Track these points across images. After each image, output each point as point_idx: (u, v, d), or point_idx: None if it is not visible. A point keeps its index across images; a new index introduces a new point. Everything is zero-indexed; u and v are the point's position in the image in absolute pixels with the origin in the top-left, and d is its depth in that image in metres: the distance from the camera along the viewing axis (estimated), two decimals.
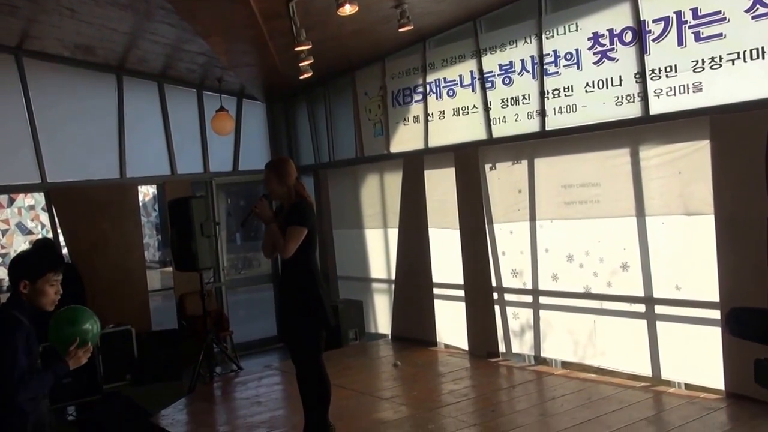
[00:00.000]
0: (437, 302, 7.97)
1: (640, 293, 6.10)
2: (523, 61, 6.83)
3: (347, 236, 9.18)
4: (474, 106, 7.34)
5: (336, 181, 9.40)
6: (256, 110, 10.09)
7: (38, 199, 17.28)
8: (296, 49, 5.49)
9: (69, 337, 3.32)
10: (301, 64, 5.92)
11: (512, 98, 6.95)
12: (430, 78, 7.80)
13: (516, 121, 6.94)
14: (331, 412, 4.99)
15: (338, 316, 7.96)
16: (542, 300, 6.92)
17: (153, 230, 20.62)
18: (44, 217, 9.29)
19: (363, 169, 8.96)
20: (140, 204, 9.37)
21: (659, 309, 6.01)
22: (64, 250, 8.46)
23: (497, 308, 7.30)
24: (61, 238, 8.53)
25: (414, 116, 8.06)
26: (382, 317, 8.93)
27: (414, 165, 8.07)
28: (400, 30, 5.80)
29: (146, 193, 21.73)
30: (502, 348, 7.29)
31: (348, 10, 4.90)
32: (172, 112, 9.28)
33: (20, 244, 17.11)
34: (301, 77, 6.39)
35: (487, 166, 7.32)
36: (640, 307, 6.13)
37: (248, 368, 8.06)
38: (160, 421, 6.12)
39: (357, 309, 8.82)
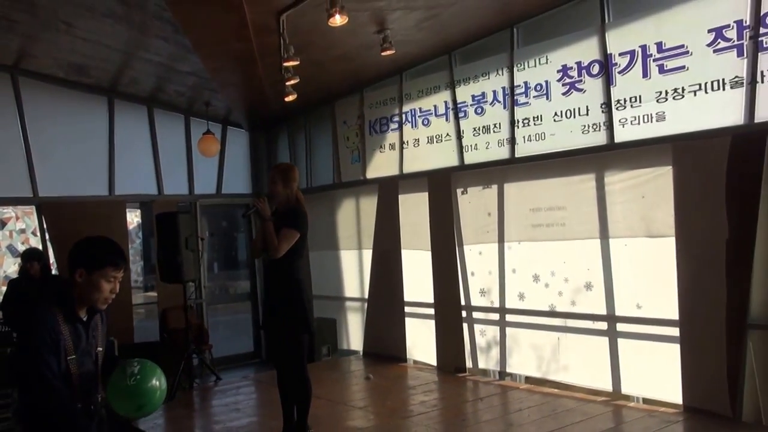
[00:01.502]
0: (408, 320, 7.70)
1: (603, 311, 5.88)
2: (495, 92, 6.70)
3: (323, 257, 8.89)
4: (447, 134, 7.19)
5: (313, 204, 9.03)
6: (239, 137, 9.85)
7: (29, 223, 16.75)
8: (284, 64, 5.27)
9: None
10: (287, 83, 5.70)
11: (484, 127, 6.80)
12: (406, 108, 7.65)
13: (487, 148, 6.78)
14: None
15: (313, 341, 7.65)
16: (509, 318, 6.68)
17: (137, 256, 20.10)
18: (34, 241, 8.94)
19: (340, 194, 8.73)
20: (129, 238, 9.02)
21: (621, 326, 5.80)
22: (53, 262, 8.06)
23: (465, 326, 7.05)
24: (50, 250, 8.12)
25: (390, 144, 7.88)
26: (354, 334, 8.62)
27: (389, 189, 7.86)
28: (383, 54, 5.64)
29: (131, 221, 21.25)
30: (469, 364, 7.02)
31: (338, 20, 4.70)
32: (160, 135, 9.03)
33: (10, 266, 16.56)
34: (286, 99, 6.16)
35: (459, 191, 7.13)
36: (603, 325, 5.92)
37: (227, 379, 7.67)
38: (142, 425, 5.71)
39: (330, 326, 8.53)
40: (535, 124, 6.35)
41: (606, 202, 5.87)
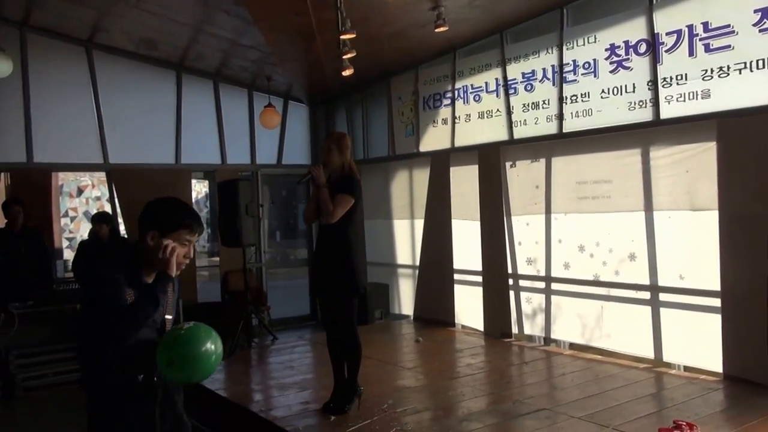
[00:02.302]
0: (456, 287, 7.87)
1: (646, 281, 5.95)
2: (544, 69, 6.73)
3: (377, 226, 9.09)
4: (497, 110, 7.25)
5: (368, 175, 9.30)
6: (300, 111, 10.07)
7: (103, 191, 17.43)
8: (341, 37, 5.41)
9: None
10: (344, 57, 5.84)
11: (533, 103, 6.85)
12: (458, 84, 7.72)
13: (536, 123, 6.83)
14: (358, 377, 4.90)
15: (366, 297, 7.88)
16: (554, 286, 6.79)
17: (204, 224, 20.67)
18: (108, 208, 9.41)
19: (394, 166, 8.89)
20: (193, 200, 9.35)
21: (663, 296, 5.86)
22: (122, 226, 8.46)
23: (512, 293, 7.18)
24: (119, 215, 8.54)
25: (442, 118, 7.99)
26: (405, 299, 8.83)
27: (441, 162, 7.98)
28: (436, 30, 5.71)
29: (198, 191, 21.83)
30: (515, 329, 7.17)
31: None
32: (224, 108, 9.31)
33: (86, 230, 17.34)
34: (343, 73, 6.32)
35: (508, 164, 7.21)
36: (646, 295, 5.99)
37: (283, 339, 7.98)
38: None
39: (383, 291, 8.77)
40: (582, 100, 6.36)
41: (651, 176, 5.90)
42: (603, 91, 6.15)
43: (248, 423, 4.95)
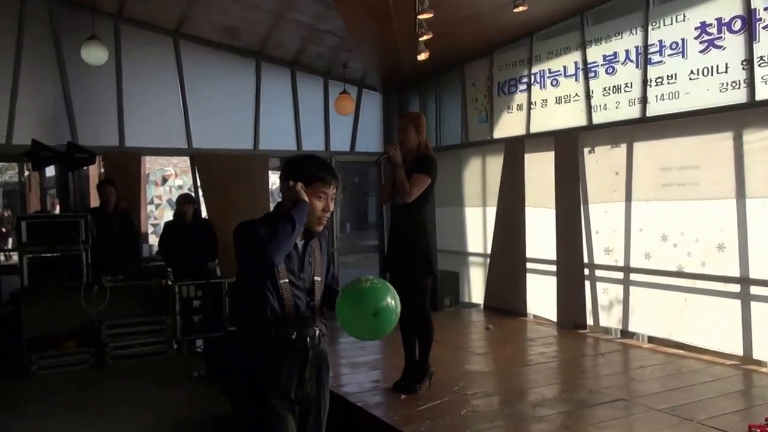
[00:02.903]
0: (529, 276, 7.55)
1: (736, 273, 5.47)
2: (627, 51, 6.33)
3: (448, 213, 8.86)
4: (576, 95, 6.89)
5: (441, 163, 8.97)
6: (373, 99, 9.96)
7: (186, 180, 17.91)
8: (419, 17, 5.22)
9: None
10: (420, 38, 5.65)
11: (614, 86, 6.47)
12: (535, 69, 7.40)
13: (617, 107, 6.45)
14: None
15: (436, 284, 7.68)
16: (633, 277, 6.38)
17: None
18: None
19: (467, 153, 8.63)
20: (269, 191, 9.45)
21: (755, 290, 5.37)
22: (203, 208, 8.58)
23: (587, 283, 6.81)
24: (201, 197, 8.67)
25: (518, 104, 7.68)
26: (476, 288, 8.57)
27: (515, 149, 7.67)
28: (515, 10, 5.42)
29: (273, 182, 22.20)
30: (589, 321, 6.80)
31: None
32: (301, 95, 9.31)
33: (169, 216, 17.94)
34: (419, 57, 6.12)
35: (586, 150, 6.84)
36: (735, 287, 5.51)
37: None
38: None
39: (453, 279, 8.54)
40: (669, 83, 5.94)
41: (744, 161, 5.42)
42: (692, 72, 5.72)
43: None
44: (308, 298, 2.62)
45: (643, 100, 6.16)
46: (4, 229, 15.92)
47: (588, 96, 6.74)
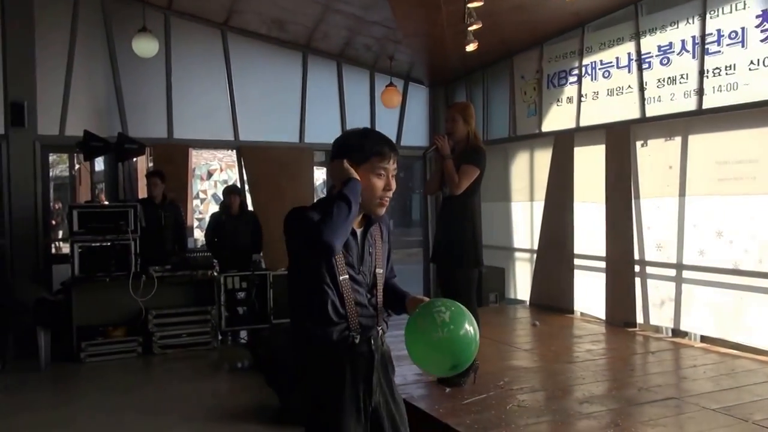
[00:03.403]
0: (577, 272, 7.48)
1: None
2: (683, 41, 6.21)
3: (495, 208, 8.83)
4: (629, 86, 6.80)
5: (488, 157, 9.01)
6: (419, 93, 10.00)
7: (230, 175, 18.24)
8: (468, 5, 5.23)
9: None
10: (469, 28, 5.66)
11: (669, 78, 6.35)
12: (586, 61, 7.32)
13: (671, 99, 6.33)
14: None
15: (481, 279, 7.68)
16: (686, 274, 6.27)
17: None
18: None
19: (514, 147, 8.59)
20: (314, 184, 9.58)
21: None
22: (248, 200, 8.75)
23: (638, 280, 6.71)
24: (247, 189, 8.84)
25: (567, 97, 7.61)
26: (522, 284, 8.53)
27: (564, 142, 7.61)
28: (569, 0, 5.39)
29: (317, 178, 22.39)
30: (639, 319, 6.70)
31: None
32: (347, 88, 9.41)
33: (214, 210, 18.34)
34: (467, 48, 6.13)
35: (638, 143, 6.74)
36: None
37: (396, 316, 7.92)
38: None
39: (498, 275, 8.50)
40: (726, 73, 5.81)
41: None
42: (752, 63, 5.58)
43: None
44: (369, 294, 2.34)
45: (700, 92, 6.04)
46: (54, 221, 16.52)
47: (641, 88, 6.63)
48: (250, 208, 8.60)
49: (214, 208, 18.13)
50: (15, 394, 5.72)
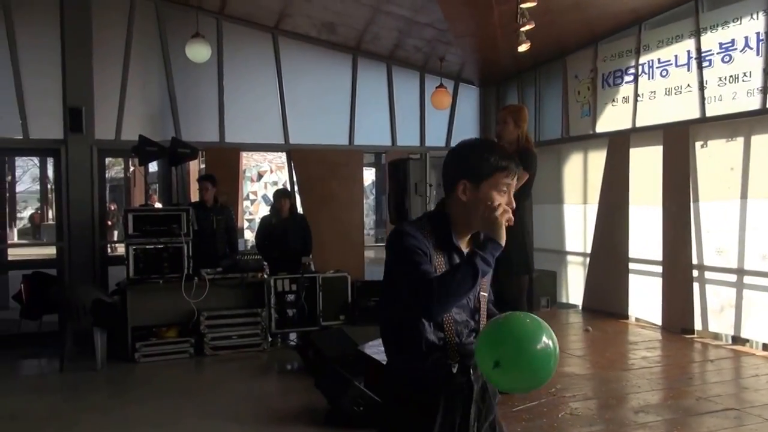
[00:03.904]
0: (632, 276, 7.36)
1: None
2: (746, 38, 6.05)
3: (546, 210, 8.75)
4: (688, 85, 6.66)
5: (540, 158, 8.82)
6: (470, 93, 9.99)
7: (280, 176, 18.55)
8: (521, 6, 5.22)
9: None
10: (522, 28, 5.64)
11: (731, 76, 6.20)
12: (643, 59, 7.20)
13: (733, 98, 6.18)
14: None
15: (532, 283, 7.64)
16: (747, 279, 6.11)
17: (370, 211, 21.36)
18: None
19: (567, 148, 8.51)
20: (363, 186, 9.68)
21: None
22: (298, 202, 8.90)
23: (696, 285, 6.57)
24: (296, 191, 8.99)
25: (623, 96, 7.49)
26: (574, 288, 8.44)
27: (619, 143, 7.50)
28: None
29: (365, 179, 22.59)
30: (698, 325, 6.55)
31: None
32: (396, 90, 9.48)
33: (264, 212, 18.67)
34: (519, 48, 6.10)
35: (698, 144, 6.60)
36: None
37: None
38: (366, 349, 6.17)
39: (550, 279, 8.44)
40: None
41: None
42: None
43: None
44: (472, 319, 2.13)
45: (764, 90, 5.88)
46: (110, 222, 17.10)
47: (701, 87, 6.49)
48: (300, 210, 8.74)
49: (264, 209, 18.45)
50: (73, 393, 5.98)
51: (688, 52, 6.63)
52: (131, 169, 19.56)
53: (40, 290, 7.28)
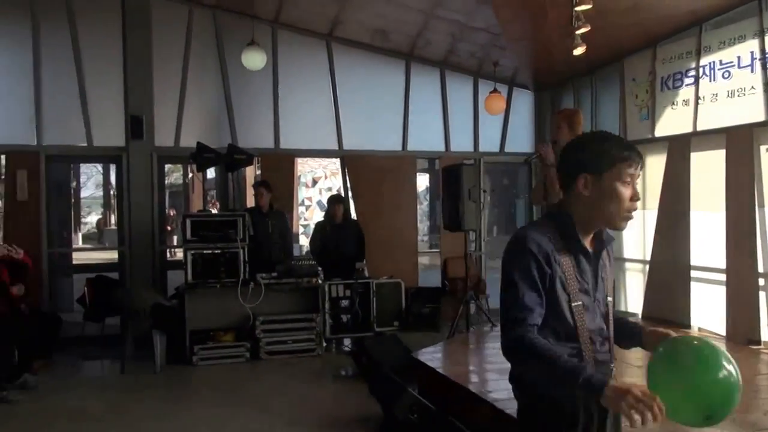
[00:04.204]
0: (693, 285, 7.13)
1: None
2: None
3: None
4: (752, 88, 6.42)
5: None
6: (524, 98, 9.89)
7: (334, 182, 18.73)
8: (576, 8, 5.14)
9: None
10: (577, 32, 5.55)
11: None
12: (704, 61, 6.98)
13: None
14: None
15: None
16: None
17: (423, 217, 21.34)
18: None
19: None
20: (416, 191, 9.68)
21: None
22: (352, 208, 8.97)
23: (762, 294, 6.32)
24: (350, 197, 9.06)
25: (683, 99, 7.28)
26: (632, 296, 8.22)
27: (680, 148, 7.28)
28: None
29: (419, 185, 22.60)
30: (765, 336, 6.30)
31: None
32: (450, 96, 9.47)
33: (318, 217, 18.94)
34: (574, 52, 6.01)
35: (763, 148, 6.35)
36: None
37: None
38: (420, 356, 6.16)
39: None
40: None
41: None
42: None
43: (465, 401, 4.92)
44: (605, 325, 2.03)
45: None
46: (169, 228, 17.58)
47: (766, 89, 6.26)
48: (354, 216, 8.81)
49: (318, 214, 18.68)
50: (133, 394, 6.15)
51: (752, 53, 6.40)
52: (190, 175, 20.06)
53: (103, 293, 7.54)
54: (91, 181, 27.07)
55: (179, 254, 8.12)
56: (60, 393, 6.14)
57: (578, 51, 6.11)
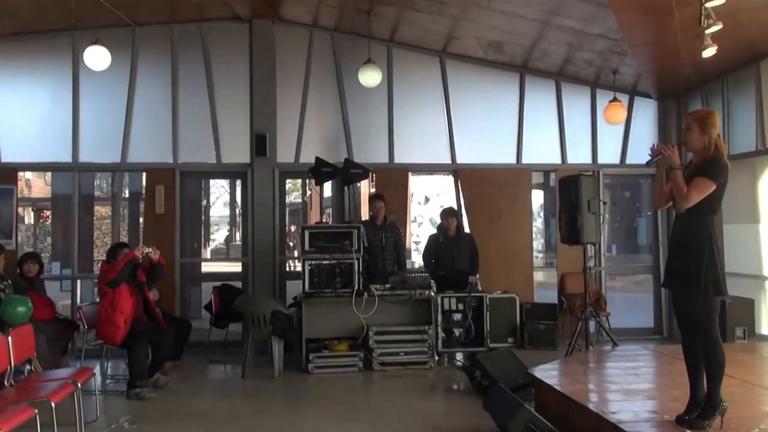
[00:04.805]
0: None
1: None
2: None
3: (740, 231, 7.78)
4: None
5: (730, 174, 8.04)
6: (647, 107, 9.25)
7: (447, 201, 18.56)
8: (706, 5, 4.66)
9: None
10: (707, 31, 5.05)
11: None
12: None
13: None
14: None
15: (725, 311, 6.81)
16: None
17: (538, 234, 20.63)
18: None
19: (763, 161, 7.52)
20: (531, 205, 9.30)
21: None
22: (465, 222, 8.73)
23: None
24: (464, 212, 8.83)
25: None
26: None
27: None
28: None
29: (534, 200, 22.01)
30: None
31: None
32: (566, 107, 9.06)
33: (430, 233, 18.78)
34: (704, 54, 5.49)
35: None
36: None
37: (623, 347, 7.27)
38: (537, 372, 5.79)
39: (746, 307, 7.44)
40: None
41: None
42: None
43: (585, 420, 4.53)
44: None
45: None
46: (292, 243, 18.05)
47: None
48: (467, 230, 8.56)
49: (430, 230, 18.60)
50: (252, 398, 6.21)
51: None
52: (308, 192, 20.61)
53: (228, 301, 7.74)
54: (219, 200, 28.51)
55: (298, 266, 8.30)
56: (187, 394, 6.31)
57: (708, 52, 5.57)
